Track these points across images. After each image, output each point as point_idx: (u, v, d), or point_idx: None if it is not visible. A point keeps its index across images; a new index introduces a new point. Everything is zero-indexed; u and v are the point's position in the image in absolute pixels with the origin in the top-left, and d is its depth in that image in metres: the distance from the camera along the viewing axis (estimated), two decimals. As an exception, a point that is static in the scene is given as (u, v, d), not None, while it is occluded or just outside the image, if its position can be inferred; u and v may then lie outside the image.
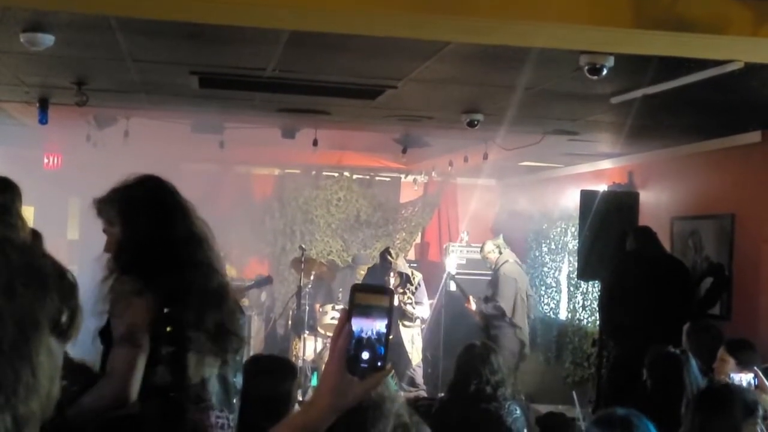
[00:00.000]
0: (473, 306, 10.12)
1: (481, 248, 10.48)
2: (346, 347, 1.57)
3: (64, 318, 1.18)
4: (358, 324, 1.58)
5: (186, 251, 3.10)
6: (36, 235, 4.84)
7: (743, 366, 5.21)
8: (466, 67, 5.68)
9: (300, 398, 8.95)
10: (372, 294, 1.61)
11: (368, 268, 10.52)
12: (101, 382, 2.99)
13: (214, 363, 3.07)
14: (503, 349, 8.47)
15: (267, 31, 4.81)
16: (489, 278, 10.29)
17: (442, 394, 5.65)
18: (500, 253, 10.27)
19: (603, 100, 6.33)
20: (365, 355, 1.57)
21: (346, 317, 1.59)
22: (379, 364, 1.58)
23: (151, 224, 3.14)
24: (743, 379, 5.02)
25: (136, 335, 2.91)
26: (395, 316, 8.37)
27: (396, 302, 9.62)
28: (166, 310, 2.97)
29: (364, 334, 1.57)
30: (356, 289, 1.62)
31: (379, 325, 1.58)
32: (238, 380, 3.23)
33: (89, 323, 2.97)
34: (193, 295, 3.04)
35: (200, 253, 3.14)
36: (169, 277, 3.02)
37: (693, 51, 4.45)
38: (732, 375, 5.13)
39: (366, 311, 1.58)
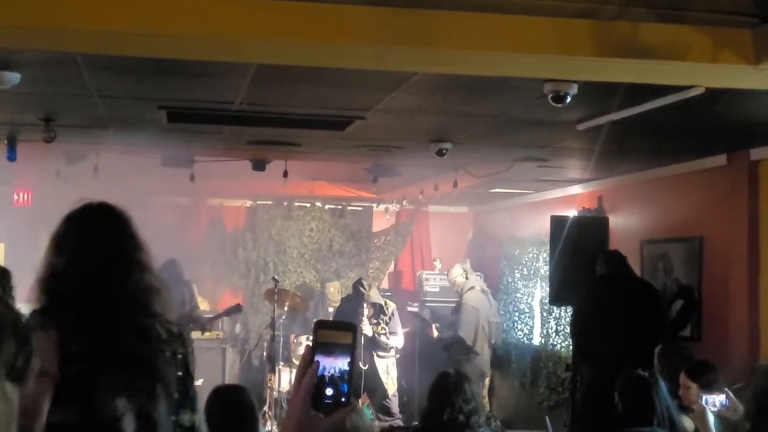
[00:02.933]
0: (435, 333, 10.37)
1: (449, 272, 10.65)
2: (312, 384, 1.57)
3: (19, 362, 1.18)
4: (321, 361, 1.57)
5: (96, 285, 2.90)
6: (3, 273, 4.83)
7: (707, 389, 5.23)
8: (432, 97, 5.72)
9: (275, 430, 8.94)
10: (335, 331, 1.61)
11: (342, 299, 10.50)
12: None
13: (133, 400, 2.85)
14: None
15: (234, 65, 4.83)
16: (454, 305, 10.45)
17: (416, 423, 5.64)
18: (466, 278, 10.44)
19: (570, 126, 6.38)
20: (329, 392, 1.57)
21: (311, 354, 1.59)
22: (343, 399, 1.58)
23: (56, 255, 2.94)
24: (716, 400, 5.05)
25: (45, 371, 2.76)
26: (358, 351, 8.35)
27: (370, 333, 9.61)
28: (72, 348, 2.72)
29: (327, 372, 1.57)
30: (319, 326, 1.62)
31: (342, 363, 1.58)
32: (184, 417, 2.97)
33: None
34: (101, 331, 2.85)
35: (117, 287, 2.92)
36: (71, 313, 2.84)
37: (654, 77, 4.51)
38: (705, 397, 5.15)
39: (329, 349, 1.58)
